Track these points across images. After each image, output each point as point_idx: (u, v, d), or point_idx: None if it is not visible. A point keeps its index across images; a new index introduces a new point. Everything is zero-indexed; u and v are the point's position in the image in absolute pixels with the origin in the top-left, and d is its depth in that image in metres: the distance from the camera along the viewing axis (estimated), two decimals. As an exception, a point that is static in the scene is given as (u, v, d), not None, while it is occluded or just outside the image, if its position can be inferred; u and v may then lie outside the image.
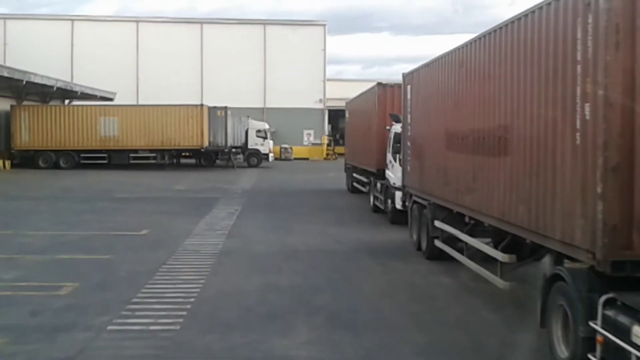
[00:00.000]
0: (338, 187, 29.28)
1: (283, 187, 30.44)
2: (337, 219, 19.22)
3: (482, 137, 9.65)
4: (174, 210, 20.96)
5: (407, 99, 15.10)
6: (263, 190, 28.66)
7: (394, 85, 20.32)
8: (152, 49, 58.24)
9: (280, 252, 13.81)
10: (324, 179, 35.07)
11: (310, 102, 59.43)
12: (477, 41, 9.89)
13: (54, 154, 40.56)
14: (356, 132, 25.64)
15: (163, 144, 40.94)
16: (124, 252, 13.52)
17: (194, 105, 41.57)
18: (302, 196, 25.95)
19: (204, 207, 21.48)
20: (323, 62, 60.96)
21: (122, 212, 20.22)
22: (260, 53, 59.86)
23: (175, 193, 26.80)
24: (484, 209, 9.62)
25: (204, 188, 28.93)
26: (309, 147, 59.64)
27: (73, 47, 58.54)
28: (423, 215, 13.32)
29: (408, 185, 15.10)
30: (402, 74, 15.67)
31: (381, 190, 19.53)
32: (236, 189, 28.73)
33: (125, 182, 31.31)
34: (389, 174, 18.49)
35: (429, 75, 13.11)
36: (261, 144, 46.19)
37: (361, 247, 14.55)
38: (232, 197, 24.94)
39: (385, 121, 19.95)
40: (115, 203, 22.60)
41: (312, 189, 29.43)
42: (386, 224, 18.09)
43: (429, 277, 11.52)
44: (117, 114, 41.16)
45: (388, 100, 20.22)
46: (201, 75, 58.84)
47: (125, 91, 52.92)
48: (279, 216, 19.69)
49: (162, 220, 18.44)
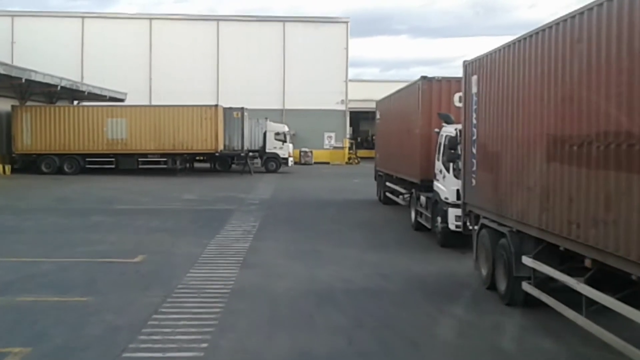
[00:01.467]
0: (367, 197, 26.02)
1: (306, 196, 27.22)
2: (375, 240, 15.98)
3: (623, 144, 6.38)
4: (180, 226, 17.82)
5: (471, 93, 11.83)
6: (283, 200, 25.47)
7: (441, 80, 17.07)
8: (165, 47, 55.42)
9: (311, 291, 10.58)
10: (350, 187, 31.83)
11: (332, 103, 56.27)
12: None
13: (57, 158, 37.62)
14: (390, 136, 22.38)
15: (175, 147, 37.88)
16: (106, 292, 10.36)
17: (208, 105, 38.43)
18: (328, 208, 22.72)
19: (216, 222, 18.34)
20: (345, 61, 57.70)
21: (119, 229, 17.10)
22: (280, 52, 56.73)
23: (185, 204, 23.66)
24: (625, 250, 6.36)
25: (217, 197, 25.80)
26: (330, 150, 56.46)
27: (83, 46, 55.86)
28: (500, 246, 10.04)
29: (472, 203, 11.82)
30: (464, 61, 12.41)
31: (427, 205, 16.25)
32: (253, 198, 25.57)
33: (131, 190, 28.25)
34: (438, 186, 15.20)
35: (510, 60, 9.82)
36: (280, 148, 43.02)
37: (413, 283, 11.28)
38: (249, 210, 21.78)
39: (431, 122, 16.72)
40: (113, 217, 19.49)
41: (338, 199, 26.18)
42: (435, 248, 14.81)
43: (523, 341, 8.23)
44: (125, 115, 38.15)
45: (434, 98, 16.94)
46: (217, 76, 55.89)
47: (138, 92, 50.21)
48: (304, 236, 16.46)
49: (164, 240, 15.28)
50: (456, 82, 16.85)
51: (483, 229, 11.02)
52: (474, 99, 11.69)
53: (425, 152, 16.81)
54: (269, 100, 53.30)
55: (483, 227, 11.02)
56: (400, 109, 20.29)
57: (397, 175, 20.74)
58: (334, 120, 56.34)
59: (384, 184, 23.58)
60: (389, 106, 22.88)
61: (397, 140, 20.58)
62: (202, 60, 55.57)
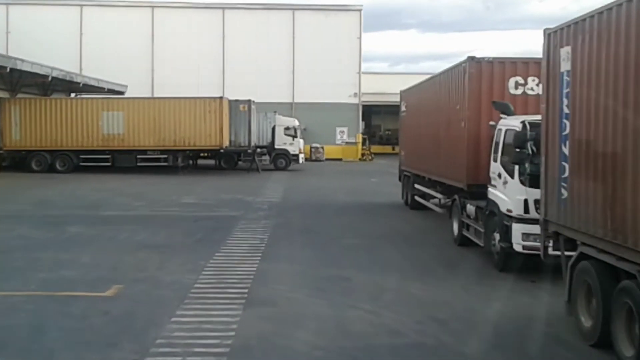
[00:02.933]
0: (390, 200, 22.86)
1: (321, 199, 24.03)
2: (414, 260, 12.81)
3: None
4: (173, 241, 14.67)
5: (560, 72, 8.63)
6: (296, 204, 22.31)
7: (492, 61, 13.84)
8: (168, 37, 52.31)
9: (343, 351, 7.43)
10: (369, 187, 28.67)
11: (344, 96, 53.04)
12: None
13: (49, 155, 34.54)
14: (421, 130, 19.19)
15: (176, 143, 34.71)
16: (47, 354, 7.26)
17: (212, 97, 35.13)
18: (348, 214, 19.56)
19: (217, 234, 15.26)
20: (358, 51, 54.38)
21: (98, 245, 13.98)
22: (289, 42, 53.47)
23: (183, 209, 20.52)
24: None
25: (220, 201, 22.67)
26: (342, 146, 53.31)
27: (82, 36, 52.87)
28: (622, 292, 6.85)
29: (561, 221, 8.58)
30: (545, 30, 9.19)
31: (478, 217, 13.06)
32: (261, 202, 22.44)
33: (124, 192, 25.15)
34: (496, 195, 12.00)
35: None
36: (290, 143, 39.84)
37: (485, 335, 8.08)
38: (256, 216, 18.65)
39: (480, 113, 13.58)
40: (95, 227, 16.36)
41: (358, 202, 22.99)
42: (493, 273, 11.64)
43: None
44: (122, 108, 34.97)
45: (484, 83, 13.71)
46: (223, 67, 52.71)
47: (139, 84, 47.36)
48: (324, 254, 13.30)
49: (149, 262, 12.17)
50: (511, 64, 13.79)
51: (584, 260, 7.83)
52: (565, 80, 8.48)
53: (473, 150, 13.62)
54: (277, 93, 50.26)
55: (584, 258, 7.84)
56: (436, 98, 17.06)
57: (431, 177, 17.55)
58: (346, 114, 53.20)
59: (411, 186, 20.39)
60: (420, 96, 19.66)
61: (432, 136, 17.38)
62: (207, 51, 52.51)
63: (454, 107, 14.92)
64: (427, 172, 18.17)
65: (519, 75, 13.60)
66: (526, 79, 13.60)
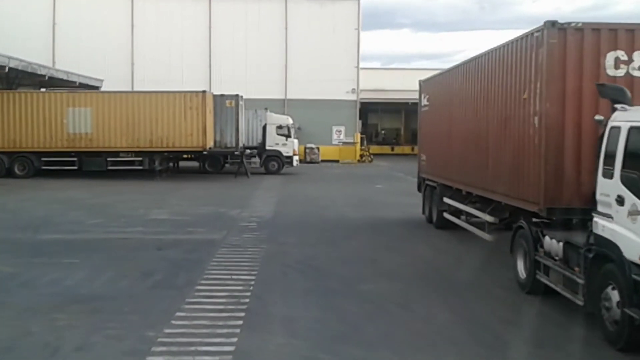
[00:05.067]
0: (407, 214, 18.64)
1: (322, 213, 19.65)
2: (475, 327, 8.37)
3: None
4: (117, 288, 10.19)
5: None
6: (292, 220, 17.92)
7: (582, 28, 9.50)
8: (150, 29, 48.00)
9: None
10: (376, 196, 24.36)
11: (341, 92, 48.85)
12: None
13: (6, 157, 30.00)
14: (452, 128, 14.86)
15: (152, 144, 30.23)
16: None
17: (194, 92, 30.64)
18: (360, 237, 15.20)
19: (183, 274, 10.90)
20: (357, 44, 50.07)
21: (1, 297, 9.56)
22: (281, 34, 49.15)
23: (148, 229, 16.07)
24: None
25: (198, 216, 18.27)
26: (339, 146, 49.03)
27: (55, 26, 48.46)
28: None
29: None
30: None
31: (569, 259, 8.70)
32: (248, 217, 18.06)
33: (83, 204, 20.67)
34: (612, 230, 7.60)
35: None
36: (283, 144, 35.41)
37: None
38: (241, 242, 14.24)
39: (564, 103, 9.28)
40: (15, 261, 11.84)
41: (368, 218, 18.62)
42: (612, 354, 7.30)
43: None
44: (90, 103, 30.39)
45: (571, 59, 9.38)
46: (209, 61, 48.46)
47: (117, 79, 43.30)
48: (338, 317, 8.79)
49: (65, 336, 7.74)
50: (609, 34, 9.50)
51: None
52: None
53: (554, 157, 9.32)
54: (269, 89, 46.45)
55: None
56: (482, 86, 12.67)
57: (473, 191, 13.21)
58: (344, 112, 48.98)
59: (438, 199, 16.06)
60: (452, 85, 15.23)
61: (474, 137, 13.03)
62: (192, 44, 48.39)
63: (517, 96, 10.58)
64: (464, 184, 13.82)
65: (621, 49, 9.33)
66: (631, 55, 9.34)
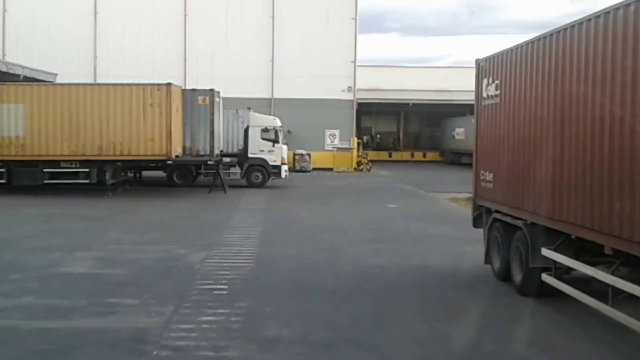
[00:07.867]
0: (455, 260, 12.27)
1: (329, 259, 13.07)
2: None
3: None
4: None
5: None
6: (284, 278, 11.35)
7: None
8: (116, 17, 42.59)
9: None
10: (395, 222, 18.04)
11: (336, 91, 43.54)
12: None
13: None
14: (557, 130, 8.46)
15: (102, 151, 23.62)
16: None
17: (155, 84, 24.05)
18: (403, 320, 8.77)
19: None
20: (353, 37, 44.54)
21: None
22: (268, 24, 43.58)
23: (42, 299, 9.51)
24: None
25: (137, 267, 11.71)
26: (333, 152, 43.14)
27: (5, 12, 42.99)
28: None
29: None
30: None
31: None
32: (217, 272, 11.51)
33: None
34: None
35: None
36: (269, 151, 28.92)
37: None
38: (195, 337, 7.72)
39: None
40: None
41: (401, 269, 12.11)
42: None
43: None
44: (22, 99, 23.66)
45: None
46: (184, 55, 42.89)
47: (78, 74, 37.45)
48: None
49: None
50: None
51: None
52: None
53: None
54: (253, 87, 41.65)
55: None
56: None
57: (614, 245, 6.78)
58: (338, 113, 43.55)
59: (528, 249, 9.65)
60: (558, 61, 8.81)
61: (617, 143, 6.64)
62: (165, 35, 43.04)
63: None
64: (592, 231, 7.42)
65: None
66: None
